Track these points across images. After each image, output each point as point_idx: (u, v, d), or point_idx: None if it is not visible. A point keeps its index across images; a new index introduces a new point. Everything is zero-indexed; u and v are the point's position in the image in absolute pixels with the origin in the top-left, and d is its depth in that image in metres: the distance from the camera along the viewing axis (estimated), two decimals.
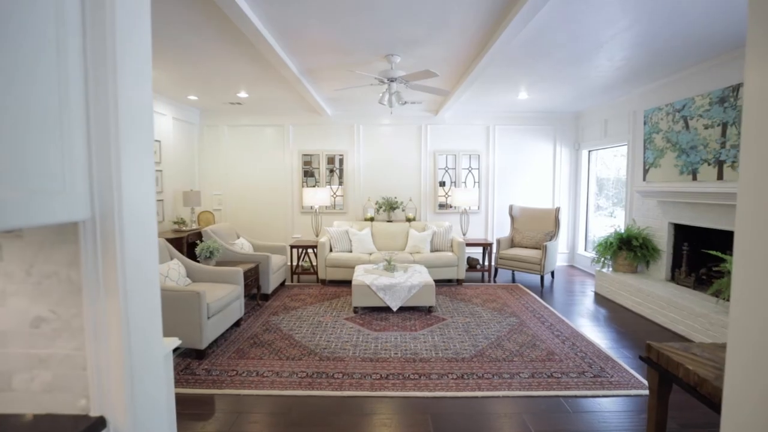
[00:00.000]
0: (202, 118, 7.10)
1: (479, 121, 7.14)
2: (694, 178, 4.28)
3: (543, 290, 5.59)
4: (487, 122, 7.14)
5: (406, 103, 4.16)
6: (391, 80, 3.96)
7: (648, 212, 5.19)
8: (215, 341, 3.66)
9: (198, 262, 4.48)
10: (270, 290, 4.99)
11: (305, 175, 7.25)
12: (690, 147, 4.33)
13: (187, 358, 3.31)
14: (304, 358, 3.34)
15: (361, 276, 4.66)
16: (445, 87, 5.15)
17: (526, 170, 7.25)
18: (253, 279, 4.66)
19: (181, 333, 3.23)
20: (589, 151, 6.99)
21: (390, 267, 4.87)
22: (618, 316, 4.51)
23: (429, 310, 4.56)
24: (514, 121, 7.13)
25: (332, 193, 7.21)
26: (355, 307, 4.52)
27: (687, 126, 4.37)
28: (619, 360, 3.33)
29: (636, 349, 3.61)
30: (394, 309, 4.45)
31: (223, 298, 3.59)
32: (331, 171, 7.26)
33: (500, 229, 7.20)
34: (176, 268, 3.70)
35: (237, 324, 4.06)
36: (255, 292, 4.85)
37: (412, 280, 4.52)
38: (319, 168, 7.22)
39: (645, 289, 4.50)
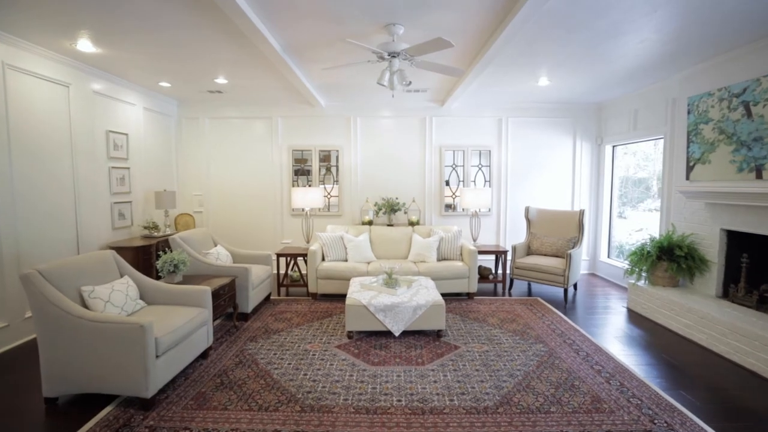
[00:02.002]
0: (181, 110, 6.34)
1: (490, 112, 6.38)
2: (759, 176, 3.54)
3: (567, 306, 4.84)
4: (498, 114, 6.38)
5: (410, 84, 3.41)
6: (393, 55, 3.21)
7: (692, 216, 4.44)
8: (172, 381, 2.91)
9: (160, 278, 3.74)
10: (250, 308, 4.24)
11: (296, 174, 6.49)
12: (753, 139, 3.58)
13: (129, 409, 2.56)
14: (281, 408, 2.60)
15: (356, 293, 3.91)
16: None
17: (543, 168, 6.47)
18: (228, 297, 3.91)
19: (119, 378, 2.49)
20: (614, 146, 6.24)
21: (391, 282, 4.11)
22: (663, 343, 3.76)
23: (438, 334, 3.81)
24: (530, 113, 6.37)
25: (326, 194, 6.46)
26: (350, 332, 3.77)
27: (749, 113, 3.62)
28: (686, 410, 2.58)
29: (701, 390, 2.86)
30: (396, 334, 3.70)
31: (181, 327, 2.84)
32: (327, 169, 6.51)
33: (514, 234, 6.44)
34: (123, 289, 2.94)
35: (204, 355, 3.31)
36: (231, 311, 4.11)
37: (417, 299, 3.77)
38: (311, 165, 6.47)
39: (696, 308, 3.75)
